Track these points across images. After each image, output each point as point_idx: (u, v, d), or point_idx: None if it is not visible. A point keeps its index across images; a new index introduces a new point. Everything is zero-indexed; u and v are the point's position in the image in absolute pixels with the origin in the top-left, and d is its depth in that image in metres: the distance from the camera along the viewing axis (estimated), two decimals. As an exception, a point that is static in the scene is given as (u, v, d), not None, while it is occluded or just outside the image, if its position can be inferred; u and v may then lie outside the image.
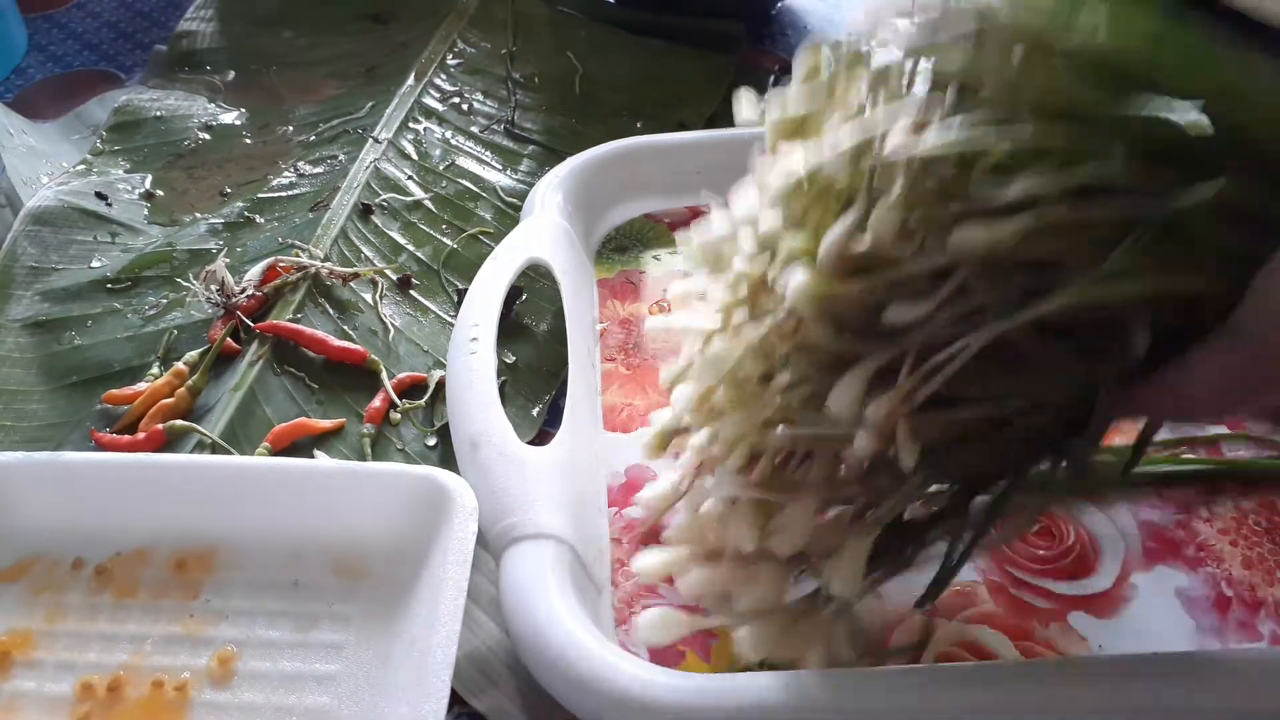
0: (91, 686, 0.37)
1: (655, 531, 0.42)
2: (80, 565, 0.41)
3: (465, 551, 0.37)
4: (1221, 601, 0.40)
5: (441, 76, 0.70)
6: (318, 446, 0.48)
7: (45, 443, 0.49)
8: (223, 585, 0.40)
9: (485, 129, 0.67)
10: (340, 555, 0.40)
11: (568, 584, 0.37)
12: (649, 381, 0.49)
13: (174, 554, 0.41)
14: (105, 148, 0.66)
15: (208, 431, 0.47)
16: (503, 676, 0.39)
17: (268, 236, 0.58)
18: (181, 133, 0.67)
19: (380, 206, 0.60)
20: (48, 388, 0.51)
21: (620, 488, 0.44)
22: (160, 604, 0.40)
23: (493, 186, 0.62)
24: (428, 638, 0.35)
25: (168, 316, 0.54)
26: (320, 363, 0.51)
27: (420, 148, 0.64)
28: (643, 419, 0.47)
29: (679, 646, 0.39)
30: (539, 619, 0.35)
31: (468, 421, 0.42)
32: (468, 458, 0.41)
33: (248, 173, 0.64)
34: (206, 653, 0.38)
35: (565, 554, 0.38)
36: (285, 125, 0.68)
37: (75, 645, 0.38)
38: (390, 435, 0.49)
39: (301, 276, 0.55)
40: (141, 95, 0.69)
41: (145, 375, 0.51)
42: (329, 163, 0.64)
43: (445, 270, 0.57)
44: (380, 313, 0.54)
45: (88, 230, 0.59)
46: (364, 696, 0.37)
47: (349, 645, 0.38)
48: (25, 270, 0.56)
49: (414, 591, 0.38)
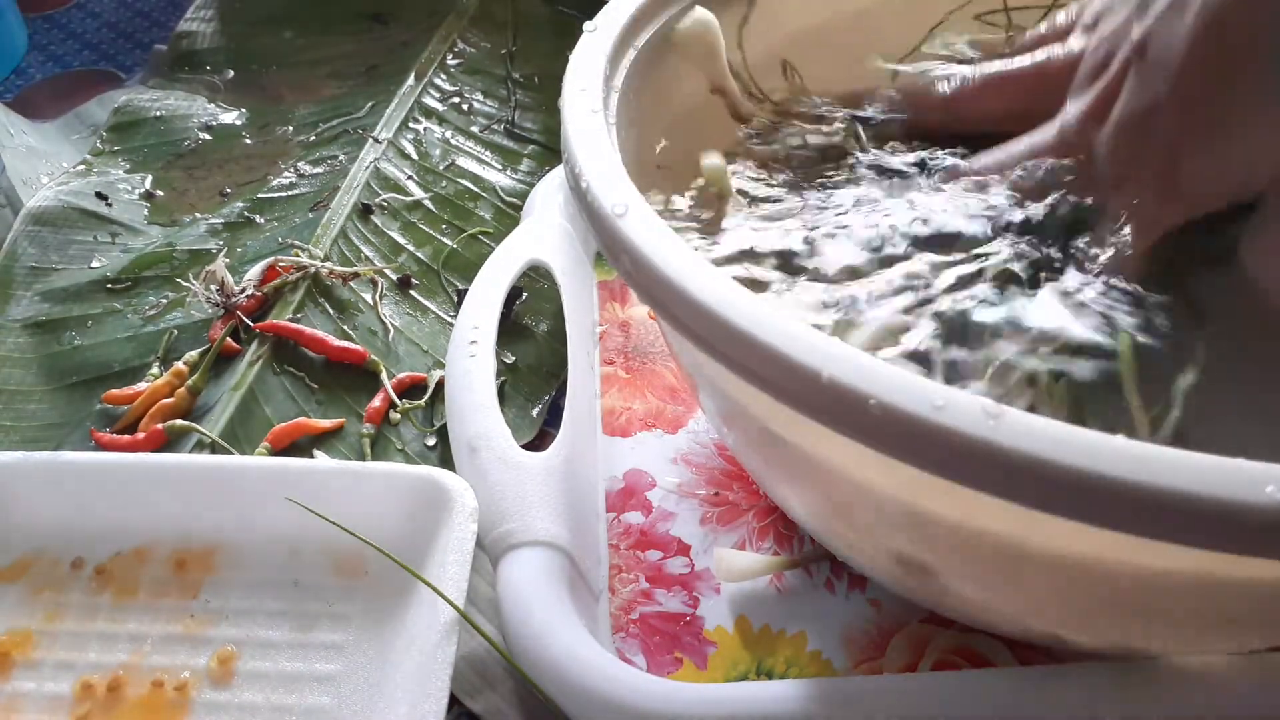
0: (91, 686, 0.37)
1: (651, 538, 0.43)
2: (80, 565, 0.41)
3: (465, 552, 0.37)
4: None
5: (441, 76, 0.70)
6: (317, 446, 0.48)
7: (45, 443, 0.49)
8: (222, 585, 0.40)
9: (485, 129, 0.67)
10: (340, 555, 0.40)
11: (564, 591, 0.37)
12: (648, 385, 0.49)
13: (174, 554, 0.41)
14: (105, 148, 0.66)
15: (207, 431, 0.47)
16: (499, 679, 0.40)
17: (268, 236, 0.59)
18: (181, 133, 0.67)
19: (380, 206, 0.60)
20: (48, 388, 0.52)
21: (618, 492, 0.44)
22: (160, 604, 0.40)
23: (493, 186, 0.62)
24: (427, 638, 0.36)
25: (168, 316, 0.54)
26: (320, 363, 0.51)
27: (420, 148, 0.65)
28: (641, 423, 0.47)
29: (675, 654, 0.39)
30: (535, 626, 0.35)
31: (466, 425, 0.42)
32: (466, 461, 0.41)
33: (248, 173, 0.64)
34: (206, 652, 0.38)
35: (562, 561, 0.38)
36: (285, 125, 0.68)
37: (75, 645, 0.39)
38: (390, 435, 0.49)
39: (301, 276, 0.55)
40: (141, 95, 0.70)
41: (145, 375, 0.51)
42: (329, 163, 0.64)
43: (445, 270, 0.57)
44: (380, 313, 0.54)
45: (88, 230, 0.59)
46: (363, 696, 0.37)
47: (349, 645, 0.38)
48: (25, 270, 0.57)
49: (414, 591, 0.38)
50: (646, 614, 0.40)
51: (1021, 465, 0.23)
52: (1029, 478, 0.23)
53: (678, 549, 0.42)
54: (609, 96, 0.36)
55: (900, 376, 0.24)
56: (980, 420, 0.23)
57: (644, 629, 0.39)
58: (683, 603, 0.40)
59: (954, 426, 0.23)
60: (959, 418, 0.23)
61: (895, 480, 0.28)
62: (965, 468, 0.24)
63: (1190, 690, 0.34)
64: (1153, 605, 0.29)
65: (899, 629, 0.39)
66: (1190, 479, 0.22)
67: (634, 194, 0.31)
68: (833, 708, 0.34)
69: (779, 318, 0.26)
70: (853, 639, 0.38)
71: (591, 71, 0.36)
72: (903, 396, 0.24)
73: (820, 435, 0.26)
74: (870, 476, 0.29)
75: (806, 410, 0.25)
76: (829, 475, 0.31)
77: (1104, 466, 0.22)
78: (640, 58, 0.39)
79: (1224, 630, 0.31)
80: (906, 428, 0.24)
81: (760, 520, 0.42)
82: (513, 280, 0.49)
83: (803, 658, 0.38)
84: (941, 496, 0.27)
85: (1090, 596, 0.29)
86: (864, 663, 0.38)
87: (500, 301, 0.47)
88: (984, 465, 0.23)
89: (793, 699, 0.34)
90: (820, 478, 0.32)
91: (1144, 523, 0.23)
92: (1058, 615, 0.32)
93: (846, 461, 0.29)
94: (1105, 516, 0.23)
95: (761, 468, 0.38)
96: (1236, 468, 0.22)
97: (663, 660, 0.39)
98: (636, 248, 0.29)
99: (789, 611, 0.39)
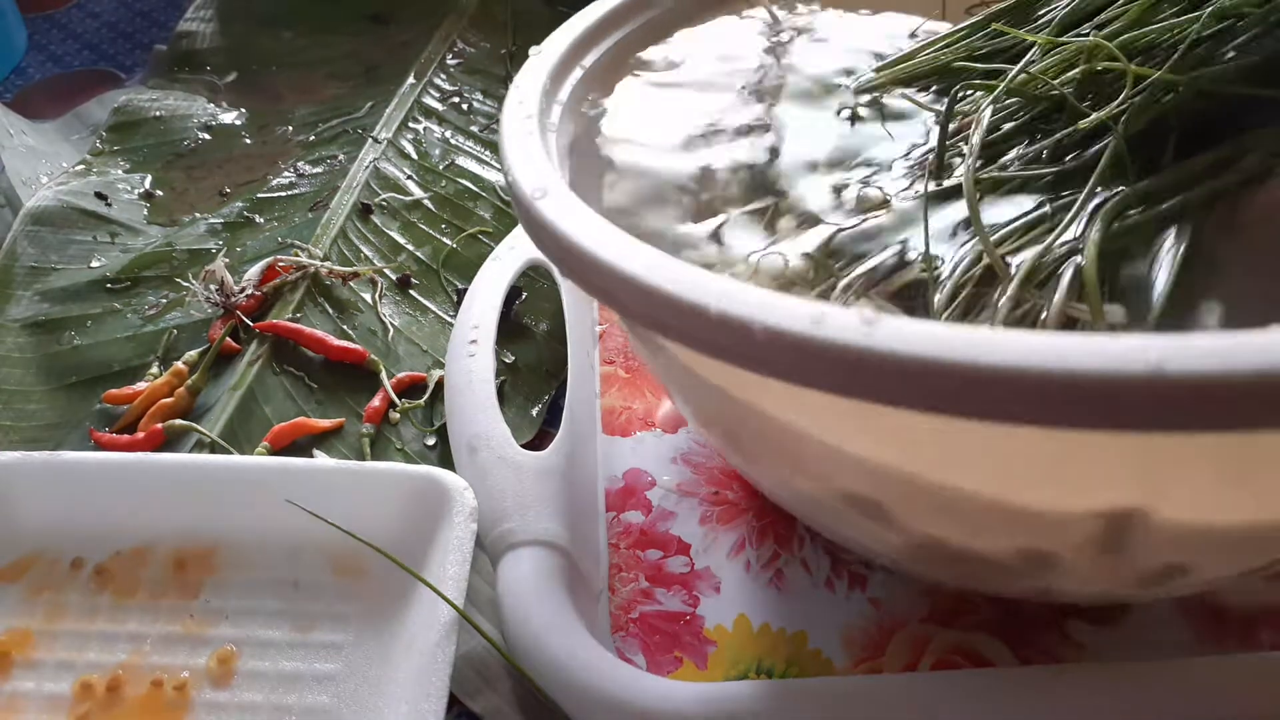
0: (91, 686, 0.37)
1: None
2: (80, 565, 0.41)
3: (465, 551, 0.37)
4: (1221, 610, 0.40)
5: (441, 76, 0.70)
6: (317, 446, 0.48)
7: (45, 442, 0.49)
8: (222, 585, 0.40)
9: (485, 128, 0.67)
10: (339, 555, 0.40)
11: (564, 591, 0.37)
12: (648, 385, 0.49)
13: (174, 554, 0.41)
14: (105, 148, 0.66)
15: (207, 431, 0.47)
16: (499, 678, 0.40)
17: (267, 236, 0.59)
18: (181, 133, 0.67)
19: (380, 206, 0.60)
20: (47, 388, 0.52)
21: (618, 492, 0.44)
22: (160, 604, 0.40)
23: (492, 186, 0.62)
24: (427, 638, 0.36)
25: (167, 316, 0.54)
26: (320, 362, 0.51)
27: (420, 147, 0.65)
28: (641, 422, 0.47)
29: (675, 654, 0.39)
30: (535, 626, 0.35)
31: (466, 424, 0.42)
32: (465, 461, 0.41)
33: (247, 173, 0.64)
34: (206, 652, 0.38)
35: (562, 560, 0.38)
36: (285, 125, 0.68)
37: (74, 645, 0.39)
38: (390, 435, 0.49)
39: (301, 276, 0.55)
40: (141, 95, 0.70)
41: (145, 375, 0.51)
42: (329, 162, 0.64)
43: (445, 270, 0.57)
44: (380, 312, 0.54)
45: (87, 230, 0.59)
46: (363, 696, 0.37)
47: (348, 645, 0.38)
48: (25, 270, 0.57)
49: (413, 591, 0.38)
50: (646, 613, 0.40)
51: (898, 367, 0.23)
52: (907, 379, 0.23)
53: (678, 548, 0.42)
54: (549, 107, 0.38)
55: (783, 301, 0.25)
56: (856, 328, 0.23)
57: (644, 628, 0.39)
58: (683, 602, 0.40)
59: (831, 338, 0.23)
60: (836, 329, 0.23)
61: (827, 423, 0.28)
62: (848, 380, 0.24)
63: (1191, 690, 0.34)
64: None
65: (899, 629, 0.39)
66: (1063, 358, 0.22)
67: (554, 180, 0.32)
68: (832, 707, 0.34)
69: (673, 263, 0.27)
70: (853, 638, 0.38)
71: (531, 86, 0.38)
72: (784, 317, 0.24)
73: (752, 387, 0.26)
74: (804, 421, 0.29)
75: (701, 347, 0.26)
76: (769, 424, 0.31)
77: (980, 356, 0.22)
78: (589, 76, 0.41)
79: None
80: (789, 347, 0.24)
81: (760, 520, 0.42)
82: (513, 280, 0.49)
83: (803, 657, 0.38)
84: (867, 436, 0.27)
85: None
86: (864, 662, 0.38)
87: (500, 301, 0.47)
88: (861, 373, 0.23)
89: (792, 698, 0.34)
90: (764, 430, 0.33)
91: (1025, 408, 0.22)
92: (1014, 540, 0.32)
93: (782, 407, 0.30)
94: (986, 408, 0.23)
95: (721, 441, 0.38)
96: (1114, 343, 0.22)
97: (662, 659, 0.39)
98: (552, 225, 0.30)
99: (789, 611, 0.39)
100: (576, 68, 0.40)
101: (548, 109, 0.38)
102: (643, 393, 0.49)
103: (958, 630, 0.38)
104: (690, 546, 0.42)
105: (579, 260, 0.29)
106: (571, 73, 0.40)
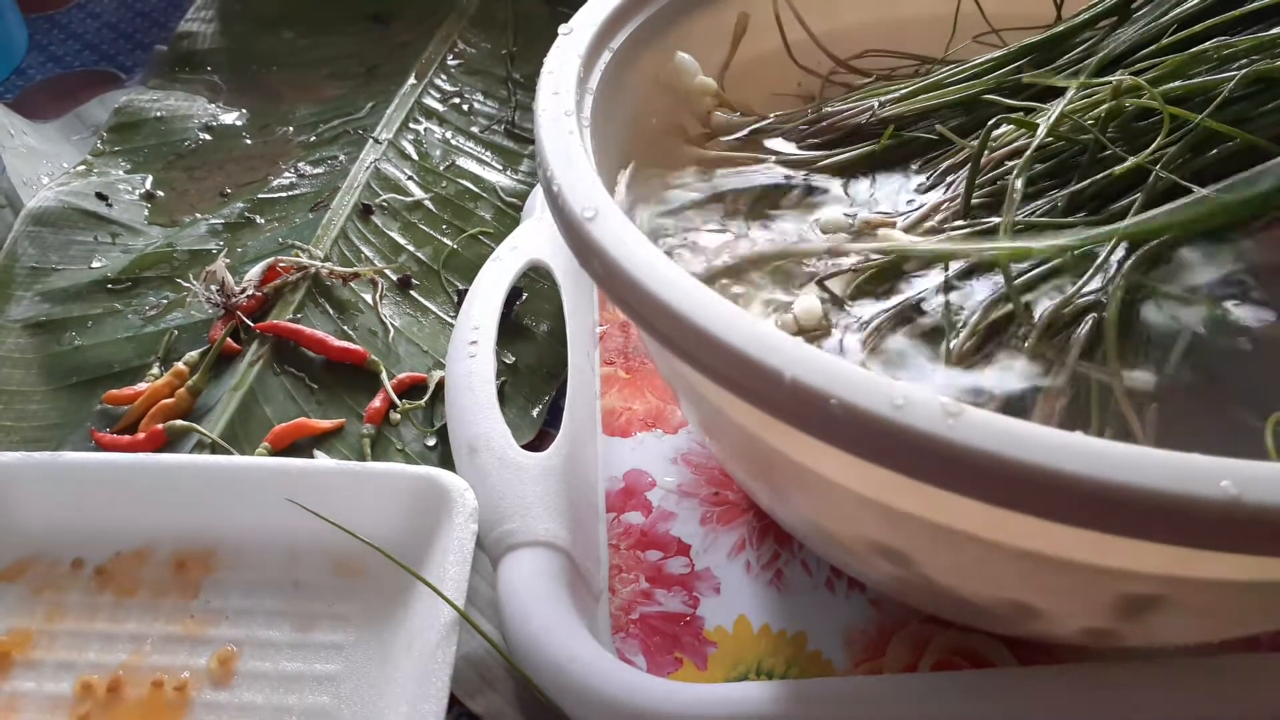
0: (91, 686, 0.37)
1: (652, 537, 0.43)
2: (80, 565, 0.41)
3: (465, 551, 0.37)
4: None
5: (442, 77, 0.70)
6: (317, 446, 0.48)
7: (45, 443, 0.49)
8: (222, 585, 0.40)
9: (485, 129, 0.67)
10: (340, 555, 0.40)
11: (564, 591, 0.37)
12: (648, 385, 0.49)
13: (174, 554, 0.41)
14: (105, 148, 0.66)
15: (208, 431, 0.47)
16: (499, 679, 0.40)
17: (268, 237, 0.59)
18: (182, 133, 0.67)
19: (380, 207, 0.60)
20: (48, 388, 0.52)
21: (618, 493, 0.44)
22: (160, 604, 0.40)
23: (493, 187, 0.62)
24: (427, 638, 0.36)
25: (168, 317, 0.54)
26: (320, 363, 0.51)
27: (420, 148, 0.65)
28: (641, 423, 0.47)
29: (675, 655, 0.39)
30: (535, 627, 0.35)
31: (466, 425, 0.42)
32: (466, 462, 0.41)
33: (248, 173, 0.64)
34: (206, 653, 0.38)
35: (562, 561, 0.38)
36: (285, 126, 0.68)
37: (75, 645, 0.39)
38: (390, 435, 0.49)
39: (301, 277, 0.55)
40: (142, 96, 0.70)
41: (145, 375, 0.51)
42: (329, 163, 0.64)
43: (445, 270, 0.57)
44: (380, 313, 0.54)
45: (88, 231, 0.59)
46: (363, 696, 0.37)
47: (349, 645, 0.38)
48: (25, 271, 0.57)
49: (414, 591, 0.38)
50: (646, 614, 0.40)
51: (980, 463, 0.23)
52: (987, 475, 0.23)
53: (678, 549, 0.42)
54: (583, 99, 0.36)
55: (861, 376, 0.24)
56: (939, 419, 0.23)
57: (644, 629, 0.39)
58: (683, 603, 0.40)
59: (913, 425, 0.23)
60: (918, 416, 0.23)
61: (866, 479, 0.28)
62: (925, 466, 0.24)
63: (1191, 690, 0.34)
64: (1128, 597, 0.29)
65: (899, 629, 0.39)
66: (1145, 475, 0.22)
67: (604, 198, 0.31)
68: (833, 708, 0.34)
69: (744, 319, 0.26)
70: (853, 639, 0.38)
71: (566, 74, 0.36)
72: (863, 395, 0.24)
73: (792, 437, 0.26)
74: (842, 476, 0.29)
75: (771, 410, 0.26)
76: (805, 476, 0.31)
77: (1061, 463, 0.22)
78: (615, 59, 0.39)
79: (1185, 619, 0.31)
80: (867, 427, 0.24)
81: (760, 520, 0.42)
82: (513, 280, 0.49)
83: (803, 658, 0.38)
84: (911, 494, 0.27)
85: (1064, 588, 0.30)
86: (864, 663, 0.38)
87: (500, 302, 0.47)
88: (943, 463, 0.23)
89: (793, 699, 0.34)
90: (798, 479, 0.32)
91: (1102, 518, 0.23)
92: (1033, 600, 0.32)
93: (819, 462, 0.29)
94: (1064, 513, 0.23)
95: (744, 473, 0.38)
96: (1191, 462, 0.22)
97: (663, 660, 0.39)
98: (605, 251, 0.29)
99: (789, 611, 0.39)
100: (605, 50, 0.39)
101: (582, 101, 0.36)
102: (643, 393, 0.49)
103: (958, 630, 0.38)
104: (690, 547, 0.42)
105: (641, 300, 0.28)
106: (601, 56, 0.38)
